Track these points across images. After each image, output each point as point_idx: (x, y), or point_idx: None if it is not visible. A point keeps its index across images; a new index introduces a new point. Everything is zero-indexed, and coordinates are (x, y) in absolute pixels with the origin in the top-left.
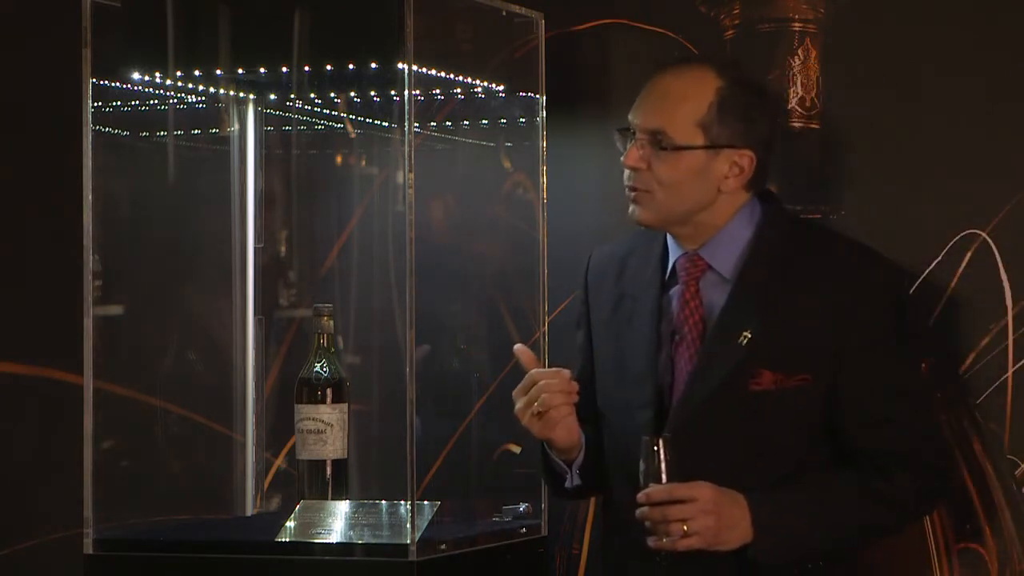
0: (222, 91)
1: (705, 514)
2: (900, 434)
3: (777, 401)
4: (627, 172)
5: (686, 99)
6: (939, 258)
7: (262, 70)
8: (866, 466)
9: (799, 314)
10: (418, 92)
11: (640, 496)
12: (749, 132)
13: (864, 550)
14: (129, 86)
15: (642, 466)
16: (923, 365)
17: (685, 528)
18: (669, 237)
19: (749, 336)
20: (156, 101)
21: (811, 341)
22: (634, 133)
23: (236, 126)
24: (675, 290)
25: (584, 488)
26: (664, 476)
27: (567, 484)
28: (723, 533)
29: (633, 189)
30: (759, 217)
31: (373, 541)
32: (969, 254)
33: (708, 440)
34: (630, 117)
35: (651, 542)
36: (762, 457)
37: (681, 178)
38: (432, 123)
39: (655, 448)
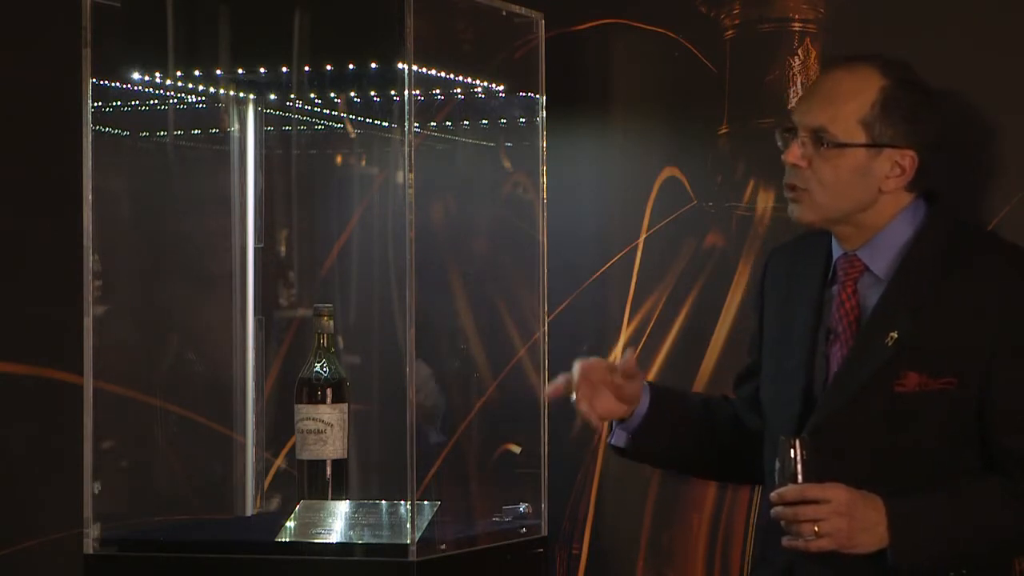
0: (222, 91)
1: (838, 516)
2: None
3: (921, 404)
4: (787, 170)
5: (850, 97)
6: None
7: (262, 70)
8: (1015, 472)
9: (951, 316)
10: (418, 92)
11: (773, 495)
12: (912, 132)
13: (1012, 560)
14: (129, 86)
15: (777, 465)
16: None
17: (816, 529)
18: (832, 236)
19: (896, 337)
20: (156, 101)
21: (961, 344)
22: (796, 131)
23: (236, 126)
24: (834, 289)
25: (636, 452)
26: (799, 477)
27: (609, 439)
28: (856, 535)
29: (792, 188)
30: (921, 219)
31: (373, 541)
32: None
33: (849, 441)
34: (793, 115)
35: (784, 541)
36: (903, 460)
37: (841, 177)
38: (432, 123)
39: (791, 448)
